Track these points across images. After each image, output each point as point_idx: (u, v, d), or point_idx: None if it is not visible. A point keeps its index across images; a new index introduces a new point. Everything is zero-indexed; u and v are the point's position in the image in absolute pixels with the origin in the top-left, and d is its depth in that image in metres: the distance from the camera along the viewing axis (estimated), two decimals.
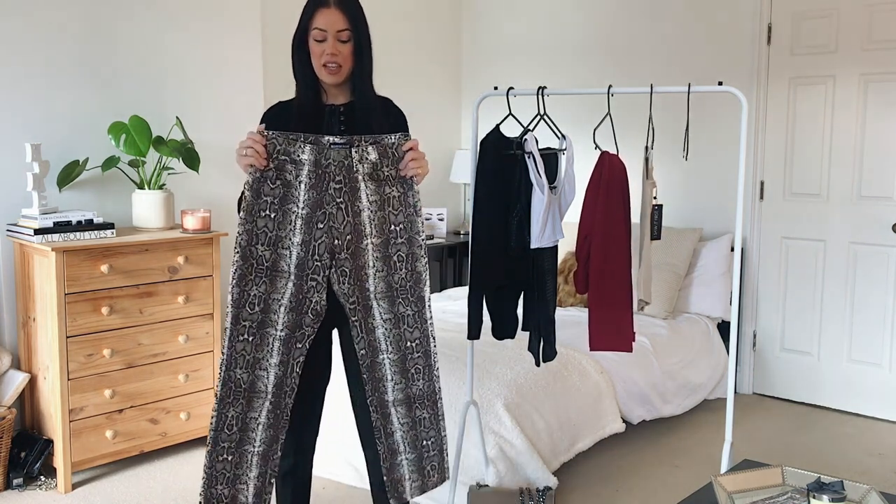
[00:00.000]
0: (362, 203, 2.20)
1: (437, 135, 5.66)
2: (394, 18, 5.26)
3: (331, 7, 2.22)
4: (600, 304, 2.77)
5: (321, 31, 2.22)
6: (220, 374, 2.21)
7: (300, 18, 2.27)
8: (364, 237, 2.21)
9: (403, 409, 2.31)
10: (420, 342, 2.29)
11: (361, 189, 2.19)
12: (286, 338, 2.22)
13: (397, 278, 2.25)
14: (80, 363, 3.30)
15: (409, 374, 2.29)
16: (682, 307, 4.50)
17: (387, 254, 2.24)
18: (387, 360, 2.28)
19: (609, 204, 2.72)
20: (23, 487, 3.31)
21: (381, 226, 2.22)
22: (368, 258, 2.22)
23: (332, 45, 2.23)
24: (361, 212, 2.20)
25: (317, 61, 2.26)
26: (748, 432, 4.02)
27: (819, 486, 2.13)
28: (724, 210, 4.57)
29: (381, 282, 2.24)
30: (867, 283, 4.23)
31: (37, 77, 3.56)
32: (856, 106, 4.19)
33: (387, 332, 2.26)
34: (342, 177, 2.18)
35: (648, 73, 4.68)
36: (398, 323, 2.27)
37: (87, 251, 3.29)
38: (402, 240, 2.25)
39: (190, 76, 4.05)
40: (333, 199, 2.18)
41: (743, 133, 2.69)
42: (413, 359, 2.29)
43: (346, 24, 2.23)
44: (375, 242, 2.22)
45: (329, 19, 2.22)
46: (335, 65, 2.25)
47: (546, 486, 3.07)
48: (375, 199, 2.21)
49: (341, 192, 2.18)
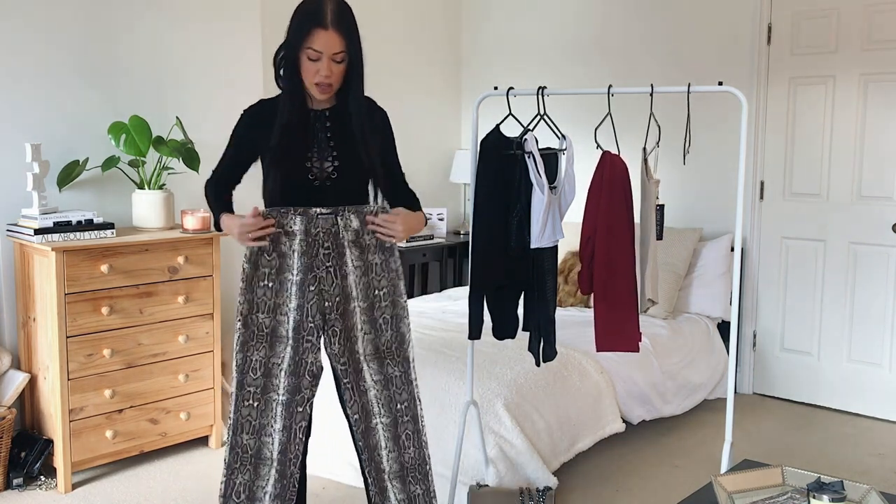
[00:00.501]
0: (348, 267, 2.29)
1: (437, 135, 5.66)
2: (394, 19, 5.26)
3: (329, 29, 2.19)
4: (605, 305, 2.76)
5: (316, 52, 2.20)
6: (228, 439, 2.30)
7: (292, 32, 2.23)
8: (352, 300, 2.30)
9: (398, 482, 2.38)
10: (408, 405, 2.37)
11: (347, 255, 2.29)
12: (287, 402, 2.30)
13: (384, 340, 2.34)
14: (80, 363, 3.30)
15: (400, 440, 2.36)
16: (682, 307, 4.50)
17: (373, 317, 2.33)
18: (380, 426, 2.35)
19: (612, 204, 2.72)
20: (23, 487, 3.31)
21: (365, 290, 2.32)
22: (357, 321, 2.31)
23: (327, 66, 2.22)
24: (348, 275, 2.30)
25: (309, 79, 2.25)
26: (748, 432, 4.02)
27: (819, 486, 2.13)
28: (724, 210, 4.57)
29: (369, 344, 2.33)
30: (867, 283, 4.23)
31: (37, 77, 3.56)
32: (856, 106, 4.19)
33: (378, 394, 2.34)
34: (330, 243, 2.27)
35: (648, 73, 4.68)
36: (388, 384, 2.35)
37: (87, 251, 3.29)
38: (386, 303, 2.34)
39: (190, 76, 4.05)
40: (323, 263, 2.27)
41: (743, 133, 2.69)
42: (403, 423, 2.36)
43: (342, 47, 2.22)
44: (362, 306, 2.31)
45: (326, 42, 2.19)
46: (327, 85, 2.25)
47: (546, 486, 3.07)
48: (359, 264, 2.30)
49: (330, 257, 2.28)
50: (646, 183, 2.77)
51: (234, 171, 2.44)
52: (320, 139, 2.31)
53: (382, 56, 5.20)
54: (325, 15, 2.19)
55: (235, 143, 2.41)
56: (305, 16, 2.21)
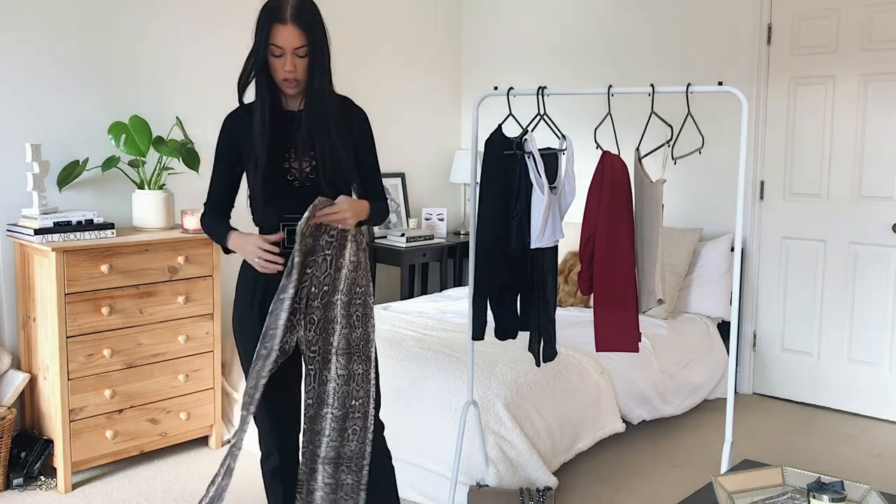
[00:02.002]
0: (345, 261, 2.32)
1: (437, 135, 5.66)
2: (394, 19, 5.26)
3: (287, 24, 2.20)
4: (605, 305, 2.76)
5: (279, 47, 2.22)
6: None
7: (257, 33, 2.24)
8: (337, 292, 2.32)
9: (331, 468, 2.38)
10: (363, 402, 2.38)
11: (348, 248, 2.32)
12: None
13: (354, 337, 2.36)
14: (80, 363, 3.30)
15: (346, 433, 2.37)
16: (682, 307, 4.50)
17: (349, 312, 2.35)
18: (329, 415, 2.36)
19: (612, 204, 2.71)
20: (23, 487, 3.31)
21: (350, 286, 2.34)
22: (337, 314, 2.33)
23: (290, 61, 2.23)
24: (342, 268, 2.32)
25: (276, 75, 2.27)
26: (748, 432, 4.02)
27: (819, 486, 2.13)
28: (724, 210, 4.57)
29: (343, 339, 2.34)
30: (867, 283, 4.23)
31: (37, 77, 3.56)
32: (856, 106, 4.19)
33: (337, 388, 2.35)
34: (336, 231, 2.29)
35: (648, 73, 4.68)
36: (349, 380, 2.36)
37: (87, 251, 3.29)
38: (360, 300, 2.37)
39: (190, 76, 4.05)
40: (323, 250, 2.29)
41: (743, 133, 2.68)
42: (353, 418, 2.37)
43: (302, 41, 2.22)
44: (343, 300, 2.33)
45: (285, 37, 2.20)
46: (293, 80, 2.27)
47: (546, 486, 3.07)
48: (354, 260, 2.33)
49: (331, 246, 2.29)
50: (643, 183, 2.76)
51: (225, 191, 2.44)
52: (296, 140, 2.31)
53: (383, 56, 5.20)
54: (284, 10, 2.21)
55: (220, 153, 2.41)
56: (266, 13, 2.24)
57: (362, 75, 4.93)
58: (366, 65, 5.01)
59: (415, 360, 3.46)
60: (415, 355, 3.50)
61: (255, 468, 2.60)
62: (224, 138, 2.40)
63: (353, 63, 4.81)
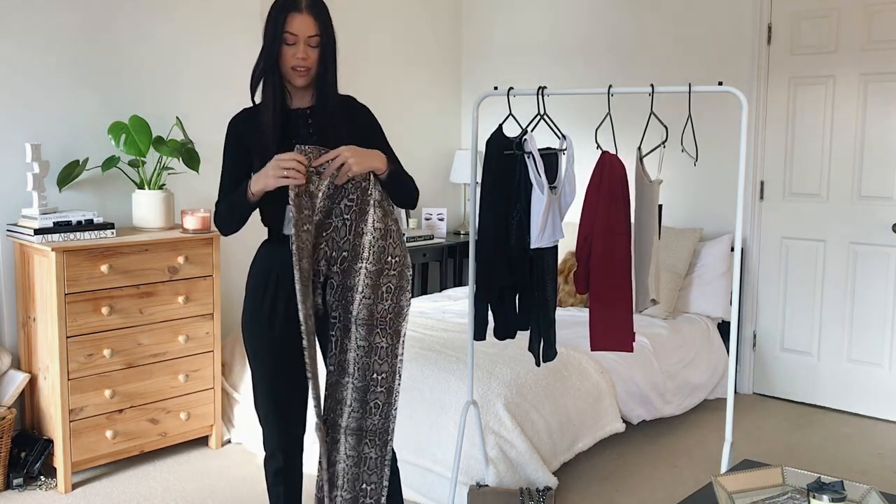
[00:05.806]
0: (367, 226, 2.26)
1: (437, 135, 5.66)
2: (394, 18, 5.26)
3: (303, 13, 2.26)
4: (601, 305, 2.76)
5: (293, 35, 2.26)
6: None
7: (270, 22, 2.28)
8: (360, 260, 2.27)
9: (353, 440, 2.35)
10: (386, 377, 2.33)
11: (370, 214, 2.26)
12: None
13: (380, 308, 2.30)
14: (80, 363, 3.30)
15: (367, 406, 2.34)
16: (682, 307, 4.51)
17: (377, 283, 2.28)
18: (350, 385, 2.33)
19: (609, 204, 2.71)
20: (23, 487, 3.31)
21: (379, 254, 2.27)
22: (359, 282, 2.27)
23: (303, 49, 2.27)
24: (364, 234, 2.27)
25: (287, 64, 2.29)
26: (748, 432, 4.02)
27: (819, 486, 2.13)
28: (724, 210, 4.57)
29: (364, 309, 2.29)
30: (867, 283, 4.23)
31: (37, 77, 3.56)
32: (855, 106, 4.19)
33: (357, 359, 2.31)
34: (356, 196, 2.25)
35: (648, 72, 4.69)
36: (370, 352, 2.31)
37: (87, 251, 3.29)
38: (394, 272, 2.29)
39: (190, 76, 4.05)
40: (342, 214, 2.25)
41: (743, 133, 2.68)
42: (375, 392, 2.33)
43: (316, 30, 2.27)
44: (370, 269, 2.27)
45: (300, 24, 2.25)
46: (304, 68, 2.29)
47: (546, 486, 3.07)
48: (380, 227, 2.27)
49: (350, 210, 2.26)
50: (643, 183, 2.76)
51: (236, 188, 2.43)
52: (303, 136, 2.33)
53: (383, 56, 5.20)
54: (299, 1, 2.27)
55: (230, 154, 2.41)
56: (281, 4, 2.29)
57: (362, 75, 4.92)
58: (366, 65, 5.01)
59: (415, 359, 3.46)
60: (415, 355, 3.50)
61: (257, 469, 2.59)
62: (231, 140, 2.40)
63: (354, 63, 4.80)
